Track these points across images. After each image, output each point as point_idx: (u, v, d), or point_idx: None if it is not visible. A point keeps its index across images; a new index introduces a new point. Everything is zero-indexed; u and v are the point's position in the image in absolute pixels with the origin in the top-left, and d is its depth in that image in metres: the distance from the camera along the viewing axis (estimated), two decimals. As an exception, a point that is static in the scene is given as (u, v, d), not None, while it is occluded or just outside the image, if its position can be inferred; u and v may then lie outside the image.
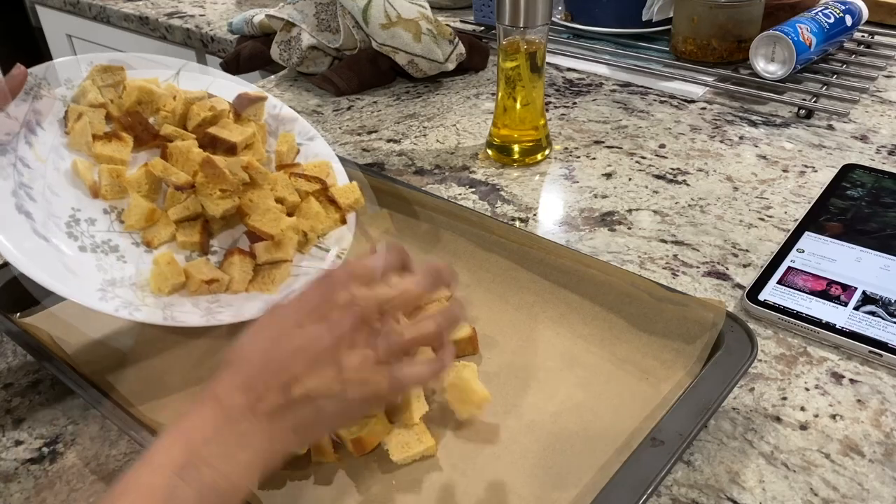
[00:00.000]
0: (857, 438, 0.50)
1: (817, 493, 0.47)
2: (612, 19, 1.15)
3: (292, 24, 1.04)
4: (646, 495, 0.43)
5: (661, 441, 0.46)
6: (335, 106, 1.00)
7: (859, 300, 0.61)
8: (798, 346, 0.58)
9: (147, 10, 1.44)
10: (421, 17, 1.01)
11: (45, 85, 0.60)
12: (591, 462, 0.48)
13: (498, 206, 0.77)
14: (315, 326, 0.41)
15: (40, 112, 0.59)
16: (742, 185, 0.79)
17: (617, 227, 0.73)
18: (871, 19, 1.13)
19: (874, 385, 0.54)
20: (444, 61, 1.03)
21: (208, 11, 1.42)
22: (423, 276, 0.46)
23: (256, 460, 0.39)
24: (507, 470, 0.48)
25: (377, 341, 0.42)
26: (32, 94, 0.59)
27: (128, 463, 0.51)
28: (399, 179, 0.76)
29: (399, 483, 0.48)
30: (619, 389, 0.53)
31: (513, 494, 0.46)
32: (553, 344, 0.58)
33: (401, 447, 0.49)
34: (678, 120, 0.93)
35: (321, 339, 0.40)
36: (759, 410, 0.53)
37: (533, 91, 0.81)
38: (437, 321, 0.45)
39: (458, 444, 0.50)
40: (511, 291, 0.63)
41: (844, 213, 0.72)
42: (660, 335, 0.56)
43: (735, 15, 1.00)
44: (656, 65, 1.07)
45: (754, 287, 0.63)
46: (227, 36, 1.28)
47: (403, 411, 0.50)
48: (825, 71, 1.03)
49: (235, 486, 0.38)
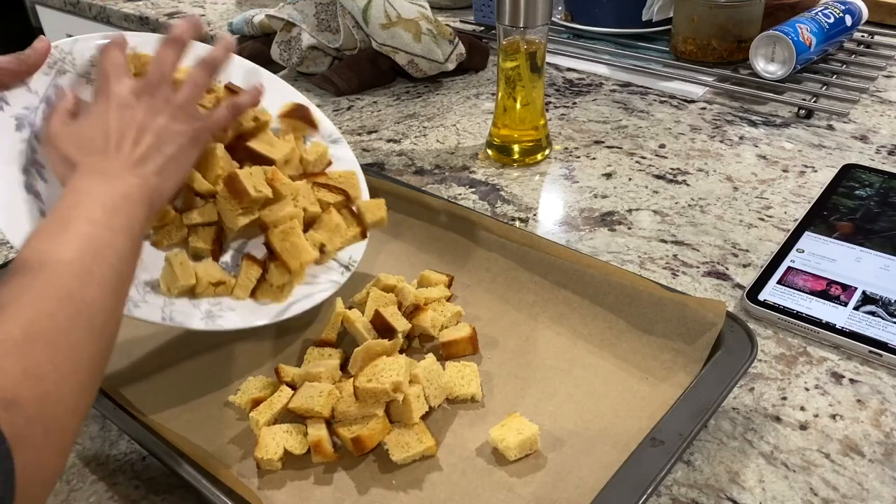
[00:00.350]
0: (856, 438, 0.50)
1: (817, 493, 0.47)
2: (612, 19, 1.15)
3: (292, 24, 1.05)
4: (646, 495, 0.43)
5: (661, 441, 0.46)
6: (335, 106, 1.00)
7: (859, 300, 0.61)
8: (798, 346, 0.58)
9: (147, 10, 1.44)
10: (421, 17, 1.01)
11: (71, 61, 0.58)
12: (590, 462, 0.48)
13: (498, 206, 0.77)
14: (120, 107, 0.51)
15: (63, 88, 0.56)
16: (742, 185, 0.79)
17: (617, 227, 0.73)
18: (871, 19, 1.13)
19: (874, 385, 0.54)
20: (444, 61, 1.03)
21: (208, 11, 1.42)
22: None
23: (144, 205, 0.48)
24: (507, 470, 0.48)
25: (170, 104, 0.53)
26: (56, 68, 0.57)
27: (127, 462, 0.51)
28: (399, 179, 0.76)
29: (399, 483, 0.48)
30: (619, 389, 0.53)
31: (512, 494, 0.46)
32: (553, 344, 0.58)
33: (401, 447, 0.49)
34: (678, 120, 0.93)
35: (132, 109, 0.52)
36: (759, 410, 0.53)
37: (533, 91, 0.81)
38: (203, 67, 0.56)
39: (458, 444, 0.50)
40: (511, 292, 0.63)
41: (844, 213, 0.72)
42: (660, 335, 0.56)
43: (735, 15, 1.00)
44: (656, 65, 1.07)
45: (754, 287, 0.63)
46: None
47: (403, 411, 0.50)
48: (825, 71, 1.03)
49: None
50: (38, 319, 0.38)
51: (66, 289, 0.40)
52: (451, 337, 0.57)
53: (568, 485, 0.46)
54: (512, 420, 0.50)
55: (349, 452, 0.49)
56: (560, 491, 0.46)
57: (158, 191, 0.50)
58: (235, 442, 0.51)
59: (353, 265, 0.61)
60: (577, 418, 0.51)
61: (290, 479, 0.48)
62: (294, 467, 0.49)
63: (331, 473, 0.49)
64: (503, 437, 0.48)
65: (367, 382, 0.49)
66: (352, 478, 0.48)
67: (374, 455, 0.50)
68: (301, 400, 0.51)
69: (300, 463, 0.49)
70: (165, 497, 0.48)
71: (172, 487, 0.49)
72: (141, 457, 0.51)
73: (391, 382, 0.49)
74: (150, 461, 0.51)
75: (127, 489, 0.49)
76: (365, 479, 0.48)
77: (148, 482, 0.49)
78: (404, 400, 0.50)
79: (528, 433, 0.48)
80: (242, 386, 0.54)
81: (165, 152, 0.51)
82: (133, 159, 0.49)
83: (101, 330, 0.41)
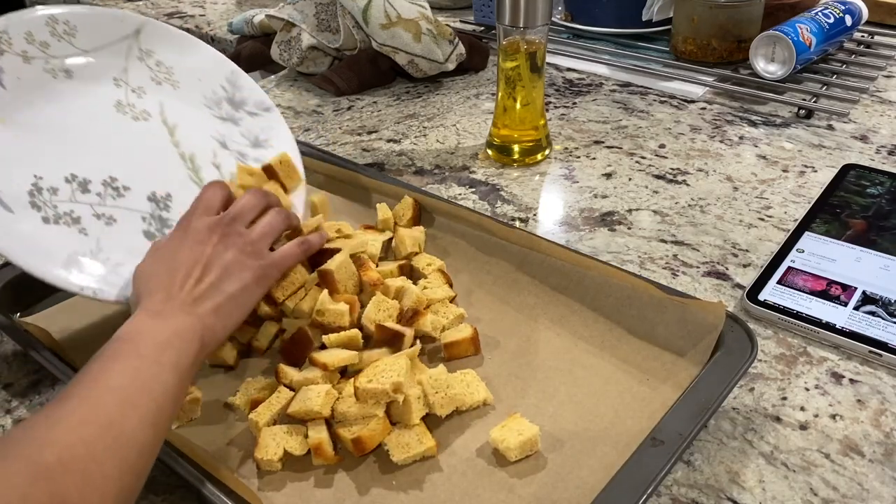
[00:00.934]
0: (856, 438, 0.50)
1: (817, 493, 0.47)
2: (612, 19, 1.15)
3: (292, 24, 1.04)
4: (646, 495, 0.43)
5: (661, 441, 0.46)
6: (335, 106, 1.00)
7: (859, 300, 0.61)
8: (798, 346, 0.58)
9: (147, 10, 1.44)
10: (421, 17, 1.01)
11: (7, 40, 0.56)
12: (591, 463, 0.48)
13: (498, 206, 0.77)
14: (193, 242, 0.53)
15: (2, 70, 0.55)
16: (742, 185, 0.79)
17: (617, 227, 0.73)
18: (871, 19, 1.13)
19: (874, 385, 0.54)
20: (444, 61, 1.03)
21: (208, 11, 1.42)
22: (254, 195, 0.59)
23: (194, 342, 0.48)
24: (507, 471, 0.48)
25: (242, 238, 0.55)
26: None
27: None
28: (399, 179, 0.76)
29: (399, 483, 0.48)
30: (620, 391, 0.53)
31: (513, 495, 0.46)
32: (553, 345, 0.58)
33: (401, 447, 0.49)
34: (678, 120, 0.93)
35: (203, 244, 0.53)
36: (759, 410, 0.53)
37: (533, 91, 0.81)
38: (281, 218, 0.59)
39: (459, 445, 0.50)
40: (512, 294, 0.63)
41: (844, 214, 0.72)
42: (660, 337, 0.56)
43: (735, 15, 1.00)
44: (656, 65, 1.07)
45: (754, 287, 0.63)
46: (228, 36, 1.28)
47: (404, 412, 0.50)
48: (825, 71, 1.03)
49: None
50: (74, 445, 0.38)
51: (108, 416, 0.41)
52: (452, 338, 0.57)
53: (568, 485, 0.47)
54: (512, 421, 0.50)
55: (349, 453, 0.49)
56: (560, 491, 0.46)
57: (212, 330, 0.50)
58: (235, 443, 0.51)
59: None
60: (577, 419, 0.51)
61: (290, 479, 0.48)
62: (294, 468, 0.49)
63: (331, 474, 0.49)
64: (504, 438, 0.48)
65: (367, 383, 0.49)
66: (352, 478, 0.48)
67: (374, 456, 0.50)
68: (299, 403, 0.51)
69: (300, 463, 0.49)
70: (165, 497, 0.48)
71: (172, 487, 0.49)
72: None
73: (391, 383, 0.49)
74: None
75: (127, 489, 0.49)
76: (365, 480, 0.48)
77: (148, 482, 0.49)
78: (405, 401, 0.50)
79: (528, 434, 0.48)
80: (241, 387, 0.54)
81: (226, 290, 0.52)
82: (192, 297, 0.50)
83: (133, 463, 0.41)
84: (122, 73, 0.64)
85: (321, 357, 0.53)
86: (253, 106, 0.69)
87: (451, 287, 0.63)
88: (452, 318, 0.58)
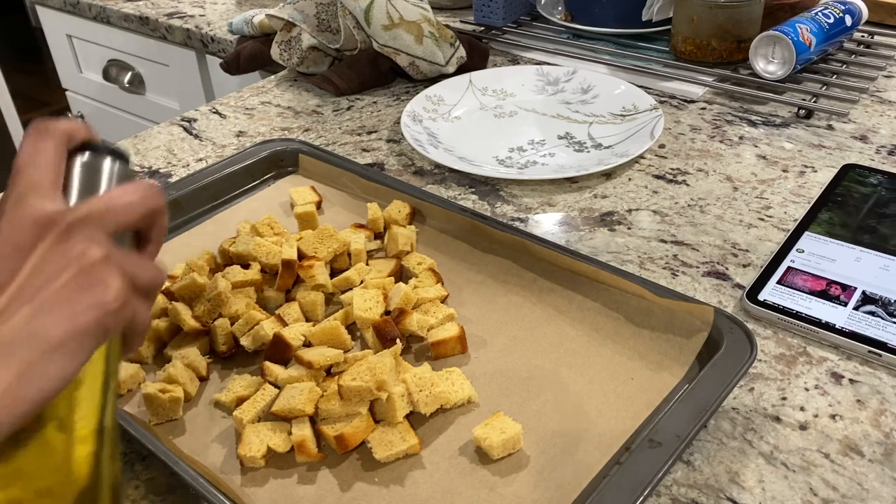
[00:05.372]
0: (856, 438, 0.50)
1: (817, 493, 0.47)
2: (611, 19, 1.15)
3: (292, 24, 1.05)
4: (642, 497, 0.43)
5: (659, 442, 0.46)
6: (335, 106, 1.00)
7: (859, 300, 0.61)
8: (798, 346, 0.58)
9: (147, 10, 1.44)
10: (423, 19, 1.01)
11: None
12: (573, 462, 0.48)
13: (498, 206, 0.77)
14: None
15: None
16: (742, 185, 0.79)
17: (616, 227, 0.73)
18: (871, 19, 1.13)
19: (874, 385, 0.54)
20: (445, 64, 1.03)
21: (208, 11, 1.42)
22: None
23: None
24: (489, 469, 0.48)
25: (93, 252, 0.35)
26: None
27: (126, 462, 0.51)
28: (399, 180, 0.76)
29: (381, 480, 0.48)
30: (604, 390, 0.53)
31: (494, 493, 0.46)
32: (539, 344, 0.58)
33: (384, 445, 0.49)
34: (678, 120, 0.93)
35: (20, 253, 0.35)
36: (759, 410, 0.53)
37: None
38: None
39: (442, 443, 0.50)
40: (500, 294, 0.63)
41: (844, 214, 0.72)
42: (646, 339, 0.57)
43: (735, 15, 1.00)
44: (656, 65, 1.07)
45: (754, 287, 0.63)
46: (227, 36, 1.28)
47: (388, 410, 0.50)
48: (825, 71, 1.02)
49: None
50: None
51: None
52: (439, 337, 0.57)
53: (550, 484, 0.47)
54: (496, 419, 0.50)
55: (333, 450, 0.49)
56: (542, 490, 0.46)
57: (11, 400, 0.32)
58: (219, 439, 0.51)
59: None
60: (561, 418, 0.51)
61: (274, 476, 0.48)
62: (277, 465, 0.49)
63: (314, 471, 0.49)
64: (486, 436, 0.48)
65: (351, 381, 0.49)
66: (335, 475, 0.48)
67: (357, 453, 0.50)
68: (284, 401, 0.51)
69: (283, 461, 0.49)
70: (165, 497, 0.48)
71: (172, 487, 0.49)
72: (141, 457, 0.51)
73: (375, 381, 0.49)
74: (150, 461, 0.51)
75: (127, 489, 0.49)
76: (348, 477, 0.48)
77: (148, 482, 0.49)
78: (388, 399, 0.50)
79: (511, 432, 0.48)
80: (229, 384, 0.54)
81: (43, 336, 0.33)
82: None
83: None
84: None
85: (306, 355, 0.54)
86: None
87: (443, 285, 0.63)
88: (442, 317, 0.59)
